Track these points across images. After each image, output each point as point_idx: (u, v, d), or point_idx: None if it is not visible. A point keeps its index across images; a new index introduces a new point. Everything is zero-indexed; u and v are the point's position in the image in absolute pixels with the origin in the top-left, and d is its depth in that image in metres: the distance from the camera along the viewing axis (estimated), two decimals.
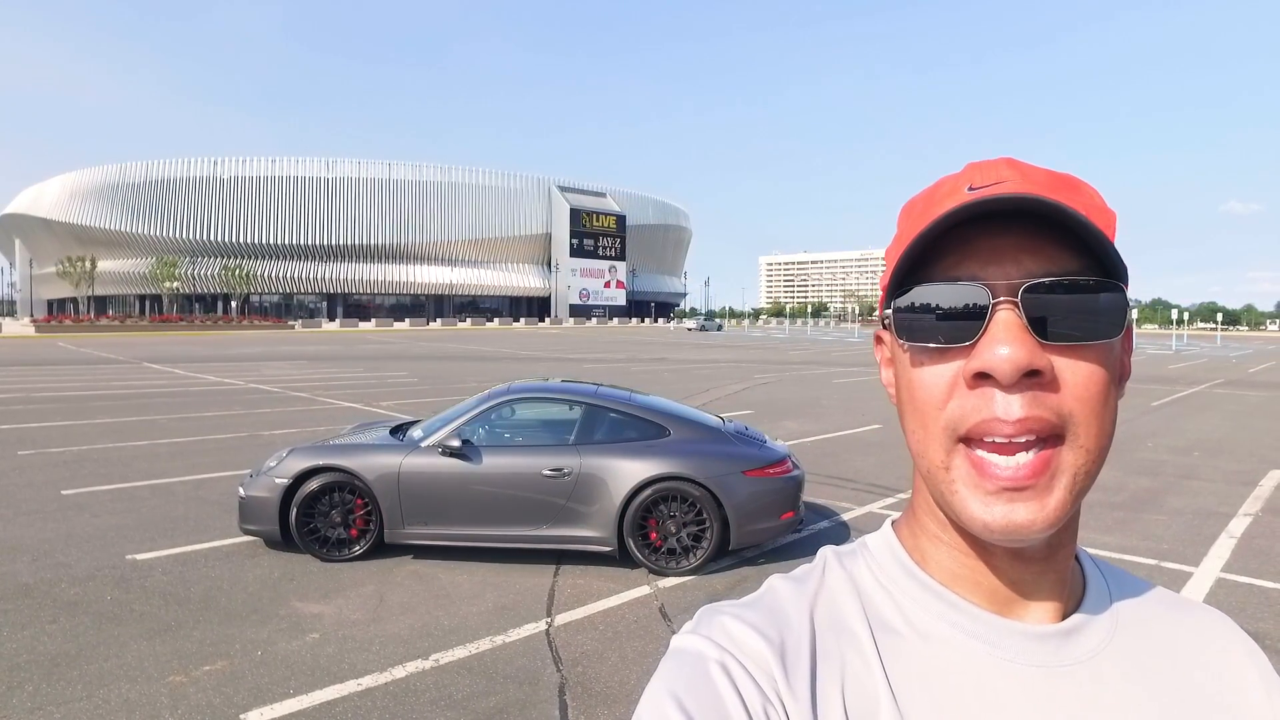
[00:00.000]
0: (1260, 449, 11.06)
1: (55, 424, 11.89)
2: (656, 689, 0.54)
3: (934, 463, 0.53)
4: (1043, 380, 0.49)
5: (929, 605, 0.57)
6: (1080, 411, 0.50)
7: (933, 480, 0.54)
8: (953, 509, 0.53)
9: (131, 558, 5.69)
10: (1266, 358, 38.39)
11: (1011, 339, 0.49)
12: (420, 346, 38.46)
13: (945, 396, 0.52)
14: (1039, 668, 0.54)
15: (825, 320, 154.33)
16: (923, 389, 0.53)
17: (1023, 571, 0.56)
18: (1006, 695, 0.53)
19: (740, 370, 24.76)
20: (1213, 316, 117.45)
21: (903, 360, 0.56)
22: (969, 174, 0.55)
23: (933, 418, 0.52)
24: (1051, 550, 0.56)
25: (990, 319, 0.50)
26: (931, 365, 0.53)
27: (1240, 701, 0.58)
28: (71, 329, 55.11)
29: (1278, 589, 5.39)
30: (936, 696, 0.53)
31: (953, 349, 0.51)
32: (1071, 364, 0.50)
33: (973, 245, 0.52)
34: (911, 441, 0.55)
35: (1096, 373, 0.51)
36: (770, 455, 5.86)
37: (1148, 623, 0.60)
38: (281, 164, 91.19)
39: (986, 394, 0.50)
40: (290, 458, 5.80)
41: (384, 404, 14.90)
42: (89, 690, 3.75)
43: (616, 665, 4.14)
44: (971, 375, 0.50)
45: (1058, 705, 0.53)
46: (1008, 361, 0.48)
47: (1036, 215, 0.51)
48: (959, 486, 0.52)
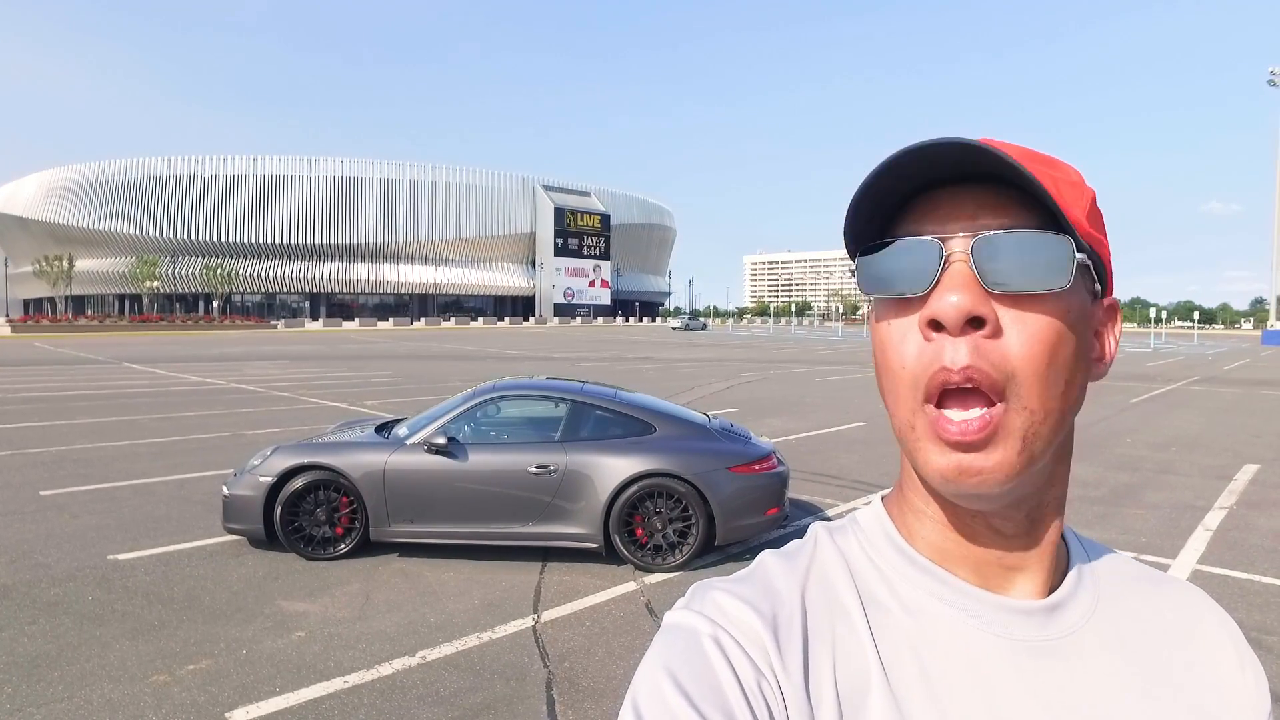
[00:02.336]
0: (1235, 444, 11.24)
1: (33, 424, 11.73)
2: (651, 664, 0.55)
3: (903, 421, 0.55)
4: (989, 329, 0.51)
5: (917, 580, 0.58)
6: (1024, 370, 0.51)
7: (903, 440, 0.56)
8: (917, 464, 0.55)
9: (113, 558, 5.63)
10: (1241, 355, 38.97)
11: (958, 286, 0.51)
12: (404, 346, 38.23)
13: (906, 349, 0.54)
14: (1024, 641, 0.56)
15: (809, 319, 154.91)
16: (888, 342, 0.55)
17: (1005, 545, 0.57)
18: (993, 668, 0.55)
19: (725, 368, 24.82)
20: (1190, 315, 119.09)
21: (875, 326, 0.58)
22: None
23: (898, 374, 0.54)
24: (1031, 524, 0.57)
25: (944, 271, 0.52)
26: (894, 319, 0.55)
27: (1215, 672, 0.60)
28: (49, 329, 54.27)
29: (1250, 579, 5.50)
30: (925, 670, 0.54)
31: (910, 300, 0.53)
32: (1018, 315, 0.51)
33: (937, 206, 0.54)
34: (887, 404, 0.57)
35: (1044, 330, 0.51)
36: (755, 452, 5.89)
37: (1129, 598, 0.62)
38: (263, 162, 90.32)
39: (939, 342, 0.51)
40: (274, 456, 5.76)
41: (368, 403, 14.81)
42: (70, 691, 3.71)
43: (603, 661, 4.16)
44: (925, 323, 0.52)
45: (1043, 678, 0.55)
46: (953, 307, 0.50)
47: (995, 178, 0.53)
48: (922, 442, 0.53)
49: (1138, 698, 0.56)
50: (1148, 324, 76.79)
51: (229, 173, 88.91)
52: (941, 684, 0.54)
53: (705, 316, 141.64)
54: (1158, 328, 67.88)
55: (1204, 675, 0.59)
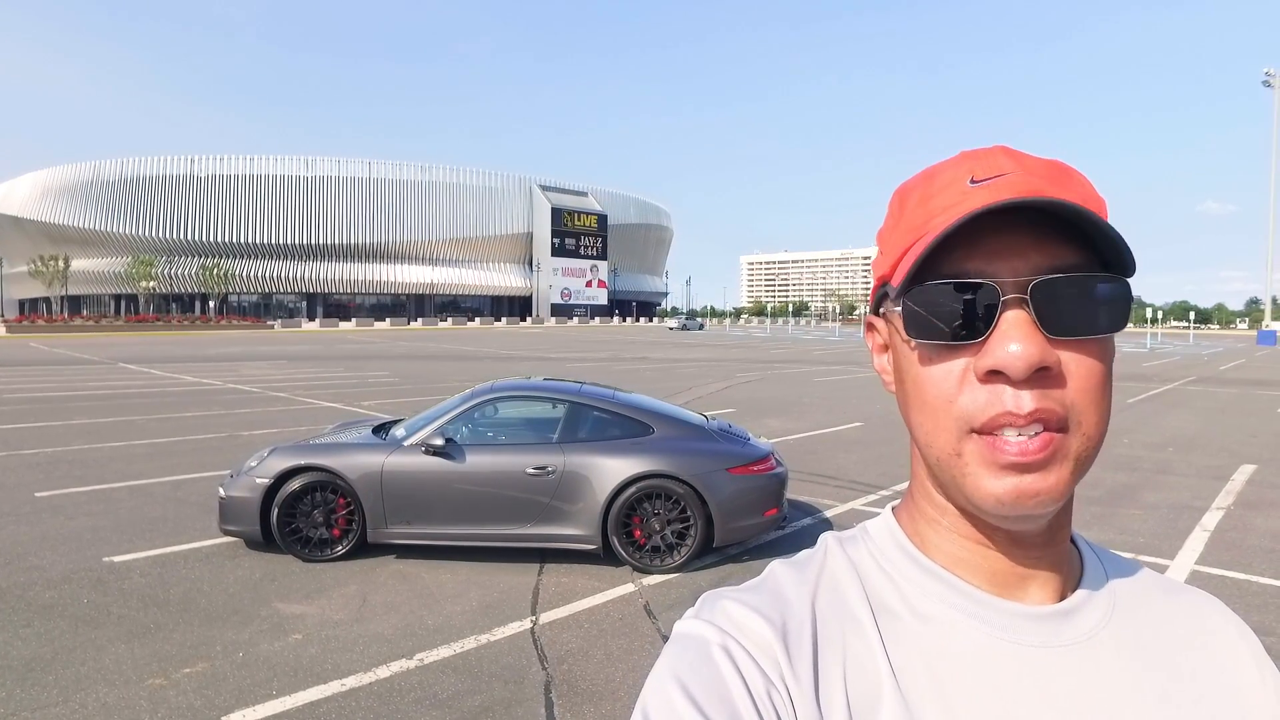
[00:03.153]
0: (1232, 444, 11.26)
1: (28, 425, 11.68)
2: (661, 673, 0.54)
3: (944, 451, 0.54)
4: (1050, 375, 0.50)
5: (929, 588, 0.58)
6: (1082, 401, 0.51)
7: (943, 467, 0.54)
8: (964, 490, 0.53)
9: (109, 560, 5.61)
10: (1237, 355, 39.07)
11: (1022, 336, 0.49)
12: (401, 346, 38.19)
13: (955, 392, 0.52)
14: (1038, 647, 0.55)
15: (806, 319, 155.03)
16: (932, 385, 0.53)
17: (1022, 555, 0.57)
18: (1006, 674, 0.54)
19: (722, 369, 24.82)
20: (1186, 315, 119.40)
21: (907, 355, 0.56)
22: (967, 164, 0.55)
23: (944, 412, 0.53)
24: (1050, 533, 0.57)
25: (1000, 315, 0.51)
26: (940, 362, 0.53)
27: (1235, 681, 0.59)
28: (44, 329, 54.11)
29: (1249, 580, 5.51)
30: (938, 677, 0.54)
31: (962, 346, 0.52)
32: (1076, 358, 0.51)
33: (979, 240, 0.52)
34: (919, 433, 0.56)
35: (1098, 365, 0.52)
36: (754, 452, 5.88)
37: (1143, 604, 0.61)
38: (260, 162, 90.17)
39: (997, 390, 0.51)
40: (271, 457, 5.74)
41: (365, 404, 14.78)
42: (65, 694, 3.69)
43: (602, 663, 4.14)
44: (984, 372, 0.51)
45: (1057, 683, 0.54)
46: (1020, 359, 0.49)
47: (1040, 210, 0.51)
48: (971, 468, 0.52)
49: (1154, 705, 0.55)
50: (1144, 324, 76.96)
51: (225, 172, 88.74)
52: (954, 691, 0.54)
53: (702, 316, 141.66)
54: (1154, 328, 68.02)
55: (1222, 685, 0.58)
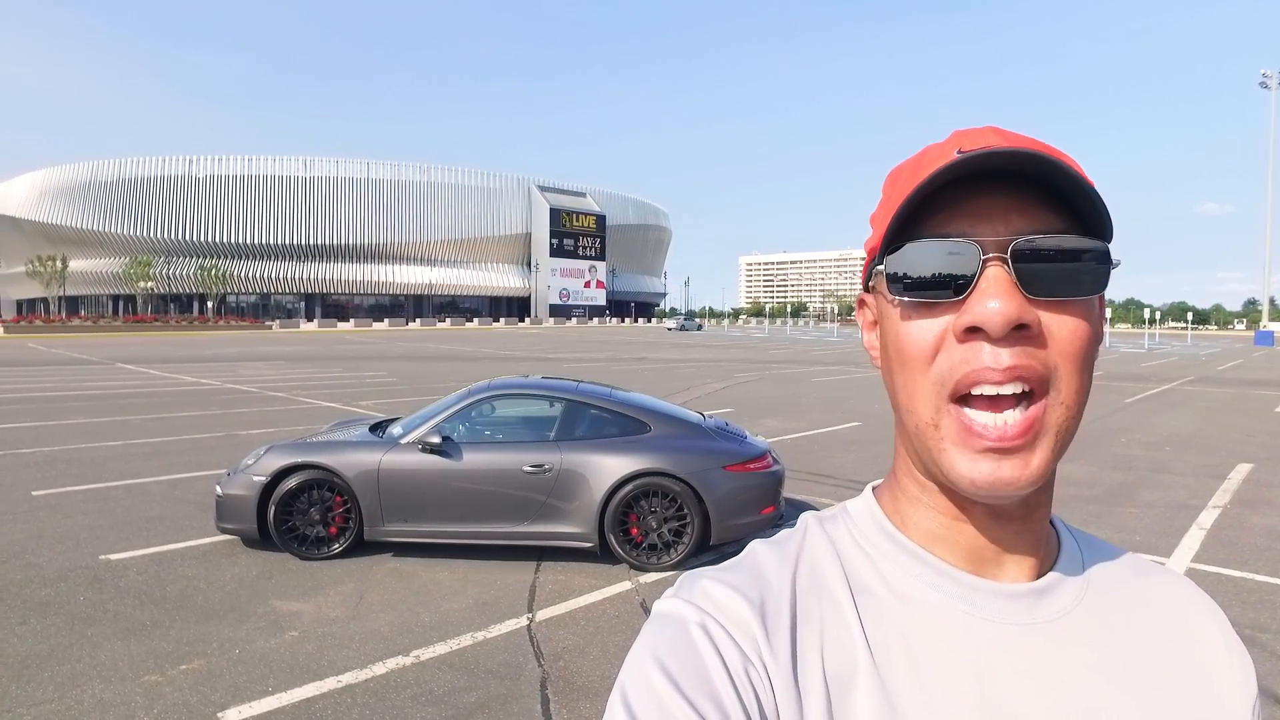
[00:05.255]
0: (1228, 444, 11.28)
1: (25, 425, 11.67)
2: (639, 652, 0.55)
3: (922, 419, 0.54)
4: (1030, 334, 0.51)
5: (907, 566, 0.58)
6: (1064, 365, 0.52)
7: (920, 437, 0.55)
8: (940, 466, 0.54)
9: (105, 558, 5.60)
10: (1234, 356, 39.13)
11: (1001, 293, 0.50)
12: (399, 347, 38.17)
13: (934, 349, 0.53)
14: (1012, 625, 0.56)
15: (805, 320, 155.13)
16: (911, 343, 0.54)
17: (1000, 531, 0.57)
18: (980, 652, 0.55)
19: (720, 369, 24.82)
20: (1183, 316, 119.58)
21: (891, 316, 0.56)
22: (955, 140, 0.56)
23: (921, 372, 0.53)
24: (1028, 510, 0.57)
25: (980, 275, 0.51)
26: (921, 319, 0.54)
27: (1203, 659, 0.60)
28: (42, 329, 54.05)
29: (1244, 577, 5.52)
30: (913, 655, 0.55)
31: (942, 304, 0.53)
32: (1057, 319, 0.52)
33: (961, 205, 0.53)
34: (900, 397, 0.56)
35: (1080, 328, 0.52)
36: (751, 451, 5.89)
37: (1117, 585, 0.62)
38: (258, 163, 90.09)
39: (975, 347, 0.51)
40: (268, 455, 5.74)
41: (363, 403, 14.77)
42: (61, 691, 3.69)
43: (598, 660, 4.15)
44: (962, 329, 0.51)
45: (1030, 660, 0.55)
46: (998, 314, 0.49)
47: (1023, 176, 0.52)
48: (947, 445, 0.53)
49: (1126, 682, 0.56)
50: (1141, 325, 77.07)
51: (223, 173, 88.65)
52: (929, 667, 0.54)
53: (701, 317, 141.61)
54: (1151, 328, 68.12)
55: (1192, 662, 0.60)
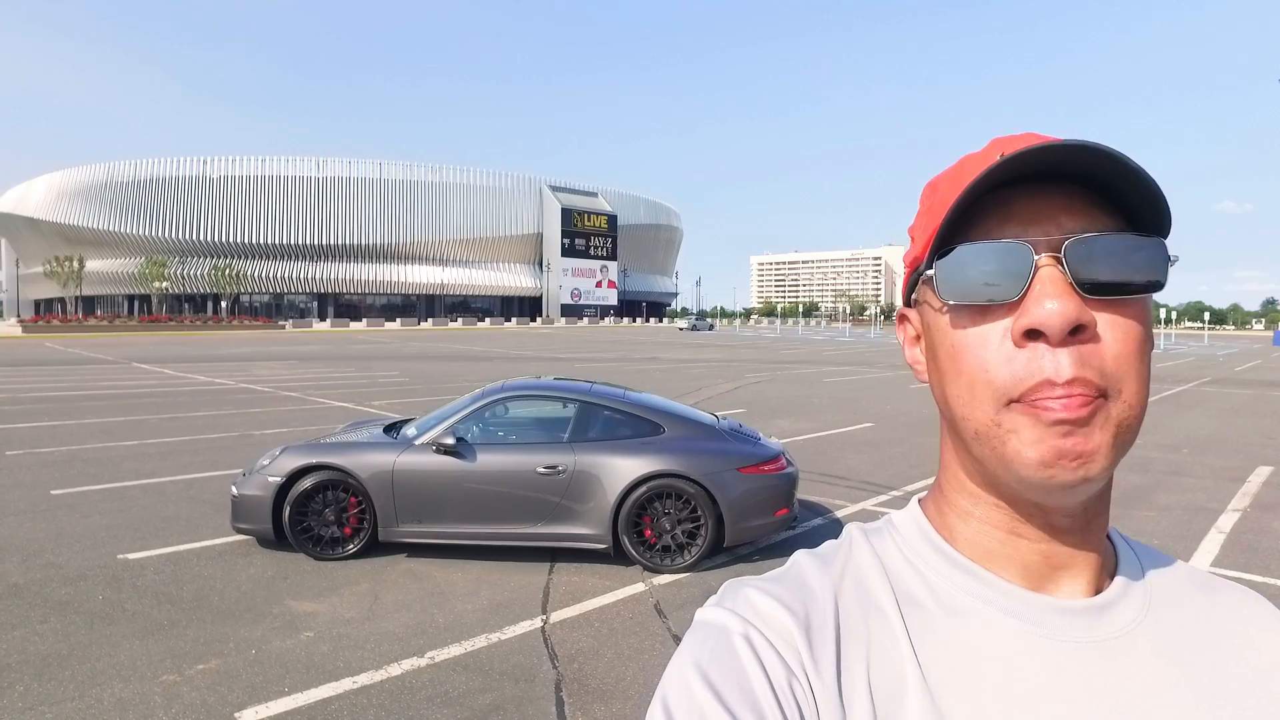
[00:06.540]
0: (1247, 446, 11.15)
1: (43, 424, 11.79)
2: (681, 661, 0.54)
3: (982, 422, 0.52)
4: (1087, 335, 0.49)
5: (958, 581, 0.56)
6: (1121, 368, 0.50)
7: (982, 439, 0.52)
8: (1004, 458, 0.51)
9: (123, 557, 5.65)
10: (1253, 356, 38.71)
11: (1058, 294, 0.49)
12: (412, 346, 38.32)
13: (992, 358, 0.51)
14: (1071, 642, 0.54)
15: (816, 320, 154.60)
16: (968, 352, 0.52)
17: (1058, 545, 0.55)
18: (1037, 669, 0.53)
19: (732, 369, 24.78)
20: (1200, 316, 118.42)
21: (940, 326, 0.55)
22: (995, 146, 0.55)
23: (980, 380, 0.51)
24: (1086, 521, 0.55)
25: (1034, 275, 0.50)
26: (974, 326, 0.52)
27: (1273, 676, 0.57)
28: (59, 329, 54.62)
29: (1266, 582, 5.44)
30: (965, 672, 0.53)
31: (996, 307, 0.51)
32: (1113, 319, 0.50)
33: (1012, 208, 0.52)
34: (955, 406, 0.54)
35: (1135, 328, 0.51)
36: (764, 452, 5.87)
37: (1182, 600, 0.59)
38: (271, 163, 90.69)
39: (1036, 351, 0.49)
40: (283, 456, 5.77)
41: (376, 403, 14.84)
42: (81, 690, 3.72)
43: (612, 662, 4.14)
44: (1021, 333, 0.50)
45: (1090, 680, 0.53)
46: (1057, 316, 0.48)
47: (1071, 176, 0.51)
48: (1011, 436, 0.51)
49: (1190, 705, 0.53)
50: (1158, 325, 76.53)
51: (237, 174, 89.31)
52: (983, 685, 0.52)
53: (712, 317, 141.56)
54: (1168, 328, 67.55)
55: (1263, 687, 0.56)
